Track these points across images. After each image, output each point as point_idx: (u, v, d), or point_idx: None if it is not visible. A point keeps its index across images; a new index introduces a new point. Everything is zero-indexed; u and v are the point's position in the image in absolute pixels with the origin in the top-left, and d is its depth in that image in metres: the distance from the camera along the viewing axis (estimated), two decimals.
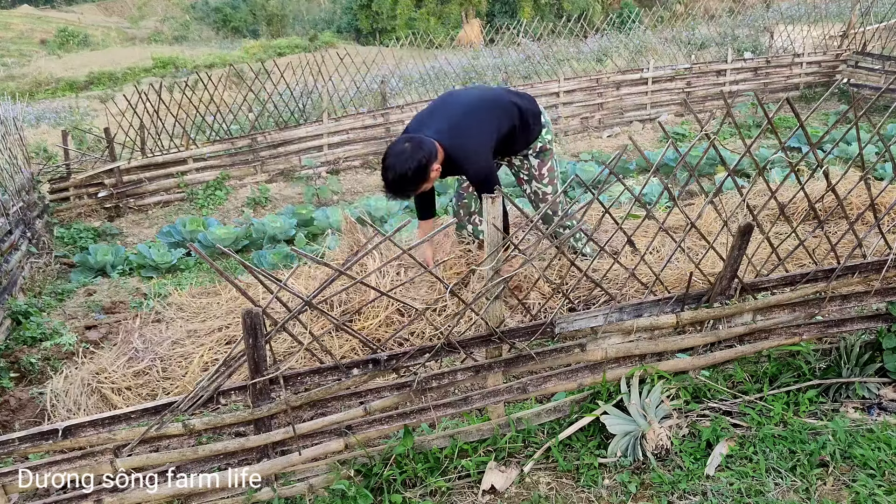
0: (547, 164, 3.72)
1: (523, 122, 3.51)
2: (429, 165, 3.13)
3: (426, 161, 3.11)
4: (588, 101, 8.67)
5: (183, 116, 7.29)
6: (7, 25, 29.27)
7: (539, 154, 3.69)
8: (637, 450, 2.47)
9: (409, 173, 3.10)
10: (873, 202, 2.83)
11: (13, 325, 4.00)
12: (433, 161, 3.15)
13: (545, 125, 3.66)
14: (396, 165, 3.10)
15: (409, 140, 3.17)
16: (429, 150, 3.13)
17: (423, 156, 3.10)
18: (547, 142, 3.68)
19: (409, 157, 3.09)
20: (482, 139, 3.29)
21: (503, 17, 24.46)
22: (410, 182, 3.13)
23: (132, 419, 2.18)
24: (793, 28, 10.47)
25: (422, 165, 3.10)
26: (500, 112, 3.41)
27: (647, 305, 2.69)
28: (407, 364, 2.40)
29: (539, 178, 3.73)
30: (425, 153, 3.11)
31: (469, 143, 3.25)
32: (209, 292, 4.29)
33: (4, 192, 5.07)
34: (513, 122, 3.45)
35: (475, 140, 3.26)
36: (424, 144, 3.14)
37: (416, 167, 3.09)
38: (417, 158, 3.09)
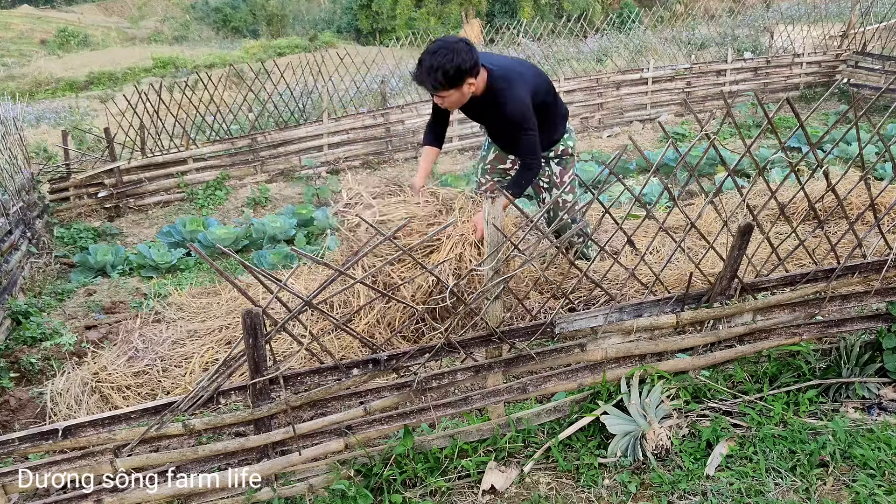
0: (568, 172, 3.71)
1: (555, 108, 3.50)
2: (468, 72, 3.06)
3: (468, 66, 3.04)
4: (588, 101, 8.67)
5: (183, 116, 7.29)
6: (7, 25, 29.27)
7: (561, 159, 3.68)
8: (637, 450, 2.47)
9: (447, 66, 3.01)
10: (873, 202, 2.83)
11: (13, 325, 4.00)
12: (473, 71, 3.08)
13: (570, 130, 3.67)
14: (440, 53, 3.03)
15: (465, 41, 3.09)
16: (475, 61, 3.06)
17: (468, 60, 3.03)
18: (570, 147, 3.67)
19: (456, 53, 3.01)
20: (525, 83, 3.23)
21: (503, 17, 24.46)
22: (443, 76, 3.04)
23: (132, 419, 2.18)
24: (793, 28, 10.47)
25: (462, 68, 3.03)
26: (543, 81, 3.42)
27: (647, 305, 2.69)
28: (407, 364, 2.40)
29: (559, 185, 3.71)
30: (471, 60, 3.04)
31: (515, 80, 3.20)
32: (209, 292, 4.29)
33: (4, 192, 5.07)
34: (548, 99, 3.43)
35: (519, 81, 3.22)
36: (474, 54, 3.07)
37: (456, 65, 3.01)
38: (462, 59, 3.02)
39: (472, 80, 3.11)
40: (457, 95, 3.17)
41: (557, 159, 3.69)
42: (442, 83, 3.07)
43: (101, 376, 3.25)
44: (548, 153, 3.66)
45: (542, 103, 3.40)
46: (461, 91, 3.14)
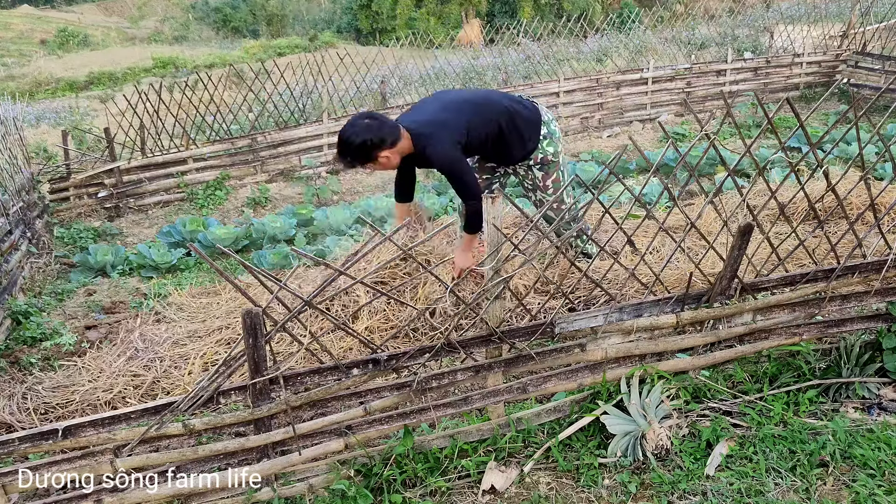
0: (552, 176, 3.66)
1: (514, 128, 3.48)
2: (374, 149, 3.18)
3: (371, 144, 3.16)
4: (588, 101, 8.66)
5: (183, 116, 7.29)
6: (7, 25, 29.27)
7: (542, 166, 3.65)
8: (637, 450, 2.47)
9: (354, 146, 3.17)
10: (873, 202, 2.83)
11: (13, 325, 4.00)
12: (382, 147, 3.19)
13: (548, 136, 3.59)
14: (345, 133, 3.20)
15: (371, 116, 3.25)
16: (381, 136, 3.18)
17: (371, 137, 3.16)
18: (549, 154, 3.61)
19: (359, 131, 3.16)
20: (447, 129, 3.30)
21: (503, 17, 24.46)
22: (351, 153, 3.20)
23: (132, 419, 2.19)
24: (793, 28, 10.47)
25: (366, 145, 3.16)
26: (484, 111, 3.42)
27: (647, 305, 2.69)
28: (407, 364, 2.40)
29: (543, 189, 3.69)
30: (375, 136, 3.17)
31: (433, 131, 3.28)
32: (209, 292, 4.29)
33: (4, 192, 5.07)
34: (498, 126, 3.44)
35: (439, 129, 3.29)
36: (382, 128, 3.20)
37: (360, 143, 3.16)
38: (364, 137, 3.16)
39: (385, 152, 3.22)
40: (377, 167, 3.31)
41: (538, 166, 3.64)
42: (353, 162, 3.25)
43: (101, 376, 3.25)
44: (527, 161, 3.64)
45: (496, 131, 3.44)
46: (378, 163, 3.27)
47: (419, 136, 3.28)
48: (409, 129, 3.28)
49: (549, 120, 3.63)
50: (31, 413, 3.09)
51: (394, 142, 3.22)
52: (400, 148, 3.26)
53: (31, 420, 3.05)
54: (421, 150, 3.29)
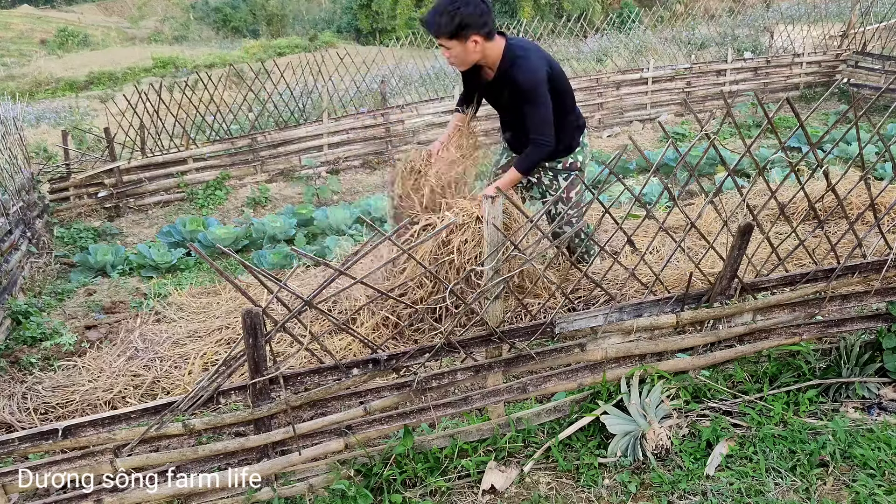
0: (575, 188, 3.61)
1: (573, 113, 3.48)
2: (474, 27, 3.01)
3: (476, 22, 3.00)
4: (588, 100, 8.66)
5: (183, 116, 7.29)
6: (7, 25, 29.28)
7: (569, 175, 3.59)
8: (637, 450, 2.47)
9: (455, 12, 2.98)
10: (873, 202, 2.83)
11: (13, 325, 4.00)
12: (482, 30, 3.04)
13: (583, 146, 3.59)
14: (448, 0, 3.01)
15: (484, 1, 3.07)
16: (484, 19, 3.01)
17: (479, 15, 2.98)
18: (579, 162, 3.58)
19: (463, 4, 2.97)
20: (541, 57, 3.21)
21: (503, 17, 24.46)
22: (448, 20, 3.00)
23: (132, 419, 2.19)
24: (793, 28, 10.47)
25: (468, 20, 2.99)
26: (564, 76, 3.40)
27: (647, 305, 2.69)
28: (407, 364, 2.40)
29: (566, 201, 3.62)
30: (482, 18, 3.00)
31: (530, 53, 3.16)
32: (209, 292, 4.29)
33: (4, 192, 5.07)
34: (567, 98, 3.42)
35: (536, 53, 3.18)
36: (489, 14, 3.04)
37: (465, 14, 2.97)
38: (472, 11, 2.98)
39: (478, 37, 3.05)
40: (458, 50, 3.11)
41: (565, 173, 3.59)
42: (444, 28, 3.03)
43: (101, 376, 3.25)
44: (556, 164, 3.59)
45: (558, 88, 3.34)
46: (464, 46, 3.08)
47: (517, 48, 3.14)
48: (507, 39, 3.15)
49: (586, 132, 3.64)
50: (31, 413, 3.09)
51: (489, 33, 3.07)
52: (489, 46, 3.11)
53: (31, 420, 3.05)
54: (509, 65, 3.14)
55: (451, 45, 3.10)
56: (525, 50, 3.16)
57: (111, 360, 3.41)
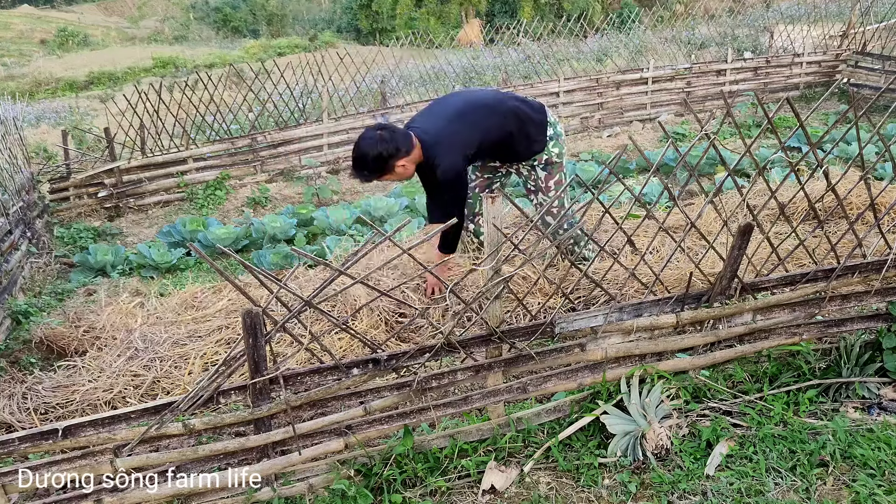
0: (554, 178, 3.67)
1: (522, 130, 3.50)
2: (390, 159, 3.21)
3: (388, 154, 3.19)
4: (588, 100, 8.67)
5: (183, 116, 7.29)
6: (7, 25, 29.27)
7: (546, 167, 3.66)
8: (637, 450, 2.47)
9: (369, 158, 3.20)
10: (873, 202, 2.83)
11: (13, 324, 4.00)
12: (398, 156, 3.22)
13: (553, 138, 3.61)
14: (360, 147, 3.23)
15: (383, 128, 3.27)
16: (396, 146, 3.21)
17: (386, 148, 3.19)
18: (554, 155, 3.63)
19: (374, 143, 3.19)
20: (456, 143, 3.32)
21: (503, 16, 24.46)
22: (368, 167, 3.23)
23: (132, 419, 2.18)
24: (793, 28, 10.47)
25: (382, 157, 3.19)
26: (493, 118, 3.44)
27: (647, 305, 2.69)
28: (407, 364, 2.40)
29: (545, 190, 3.69)
30: (390, 146, 3.19)
31: (443, 144, 3.30)
32: (209, 292, 4.28)
33: (4, 192, 5.07)
34: (509, 129, 3.47)
35: (448, 143, 3.31)
36: (395, 138, 3.22)
37: (376, 155, 3.19)
38: (380, 149, 3.18)
39: (401, 161, 3.25)
40: (394, 177, 3.35)
41: (542, 166, 3.66)
42: (370, 174, 3.28)
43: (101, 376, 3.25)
44: (532, 161, 3.66)
45: (506, 135, 3.47)
46: (395, 173, 3.29)
47: (431, 147, 3.29)
48: (421, 139, 3.30)
49: (555, 122, 3.65)
50: (31, 413, 3.09)
51: (408, 150, 3.25)
52: (414, 157, 3.29)
53: (31, 420, 3.05)
54: (430, 160, 3.31)
55: (388, 178, 3.35)
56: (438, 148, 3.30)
57: (111, 360, 3.41)
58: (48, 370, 3.50)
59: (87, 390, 3.19)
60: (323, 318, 3.45)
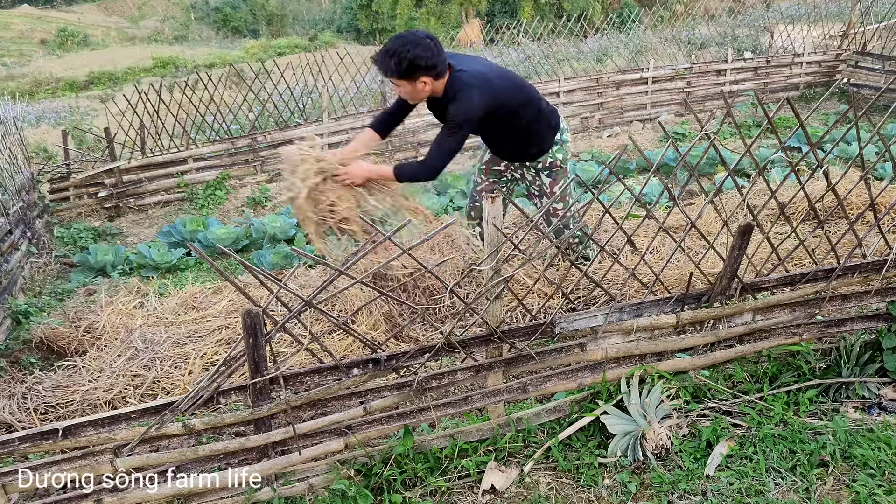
0: (558, 183, 3.64)
1: (538, 122, 3.45)
2: (423, 68, 3.02)
3: (424, 64, 3.00)
4: (588, 100, 8.66)
5: (183, 116, 7.28)
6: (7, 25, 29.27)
7: (551, 172, 3.62)
8: (637, 450, 2.47)
9: (404, 56, 2.98)
10: (873, 202, 2.83)
11: (13, 324, 4.00)
12: (432, 71, 3.05)
13: (559, 143, 3.59)
14: (404, 41, 3.01)
15: (433, 40, 3.07)
16: (434, 61, 3.02)
17: (427, 56, 2.99)
18: (559, 160, 3.60)
19: (416, 46, 2.99)
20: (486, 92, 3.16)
21: (503, 16, 24.46)
22: (396, 64, 3.01)
23: (132, 419, 2.19)
24: (793, 28, 10.47)
25: (416, 61, 2.99)
26: (524, 92, 3.36)
27: (647, 305, 2.69)
28: (407, 364, 2.40)
29: (550, 196, 3.64)
30: (430, 58, 3.00)
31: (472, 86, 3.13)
32: (209, 292, 4.29)
33: (4, 192, 5.07)
34: (528, 113, 3.38)
35: (480, 88, 3.14)
36: (438, 55, 3.04)
37: (412, 56, 2.98)
38: (420, 53, 2.98)
39: (427, 78, 3.07)
40: (408, 88, 3.13)
41: (546, 171, 3.63)
42: (393, 70, 3.04)
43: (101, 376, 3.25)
44: (535, 164, 3.63)
45: (520, 116, 3.37)
46: (413, 86, 3.10)
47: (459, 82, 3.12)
48: (456, 74, 3.14)
49: (564, 128, 3.63)
50: (31, 413, 3.09)
51: (440, 73, 3.08)
52: (439, 84, 3.13)
53: (31, 420, 3.05)
54: (451, 93, 3.14)
55: (401, 84, 3.14)
56: (467, 86, 3.13)
57: (111, 360, 3.41)
58: (48, 370, 3.50)
59: (87, 390, 3.19)
60: (323, 318, 3.44)
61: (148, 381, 3.25)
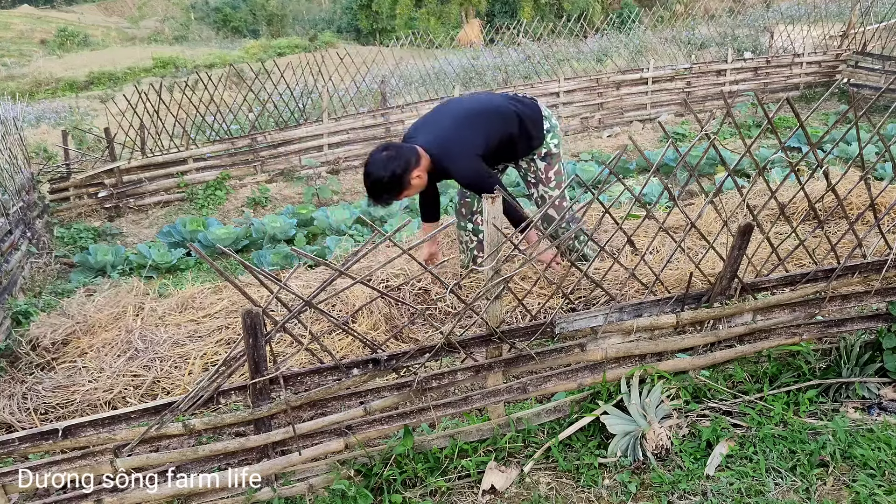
0: (554, 168, 3.72)
1: (523, 129, 3.54)
2: (405, 174, 3.19)
3: (401, 170, 3.18)
4: (588, 101, 8.67)
5: (183, 116, 7.29)
6: (7, 25, 29.27)
7: (545, 157, 3.70)
8: (637, 450, 2.47)
9: (385, 180, 3.17)
10: (873, 202, 2.83)
11: (13, 324, 4.00)
12: (410, 169, 3.21)
13: (551, 130, 3.65)
14: (373, 173, 3.19)
15: (387, 148, 3.24)
16: (406, 160, 3.19)
17: (398, 165, 3.17)
18: (553, 146, 3.68)
19: (384, 165, 3.16)
20: (467, 145, 3.32)
21: (503, 17, 24.46)
22: (386, 189, 3.21)
23: (132, 419, 2.18)
24: (793, 28, 10.47)
25: (396, 175, 3.17)
26: (496, 120, 3.45)
27: (647, 305, 2.69)
28: (407, 364, 2.40)
29: (546, 181, 3.72)
30: (401, 162, 3.18)
31: (453, 149, 3.29)
32: (209, 292, 4.28)
33: (4, 192, 5.07)
34: (510, 130, 3.49)
35: (459, 146, 3.30)
36: (403, 153, 3.21)
37: (390, 175, 3.16)
38: (392, 168, 3.16)
39: (414, 172, 3.23)
40: (412, 189, 3.32)
41: (541, 157, 3.71)
42: (389, 195, 3.24)
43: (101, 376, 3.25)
44: (532, 154, 3.69)
45: (508, 136, 3.48)
46: (412, 185, 3.27)
47: (441, 155, 3.29)
48: (428, 150, 3.29)
49: (549, 115, 3.68)
50: (31, 413, 3.09)
51: (417, 160, 3.24)
52: (424, 166, 3.28)
53: (31, 420, 3.05)
54: (442, 168, 3.31)
55: (407, 194, 3.34)
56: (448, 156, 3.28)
57: (111, 361, 3.41)
58: (48, 370, 3.50)
59: (87, 390, 3.19)
60: (323, 319, 3.45)
61: (148, 382, 3.24)
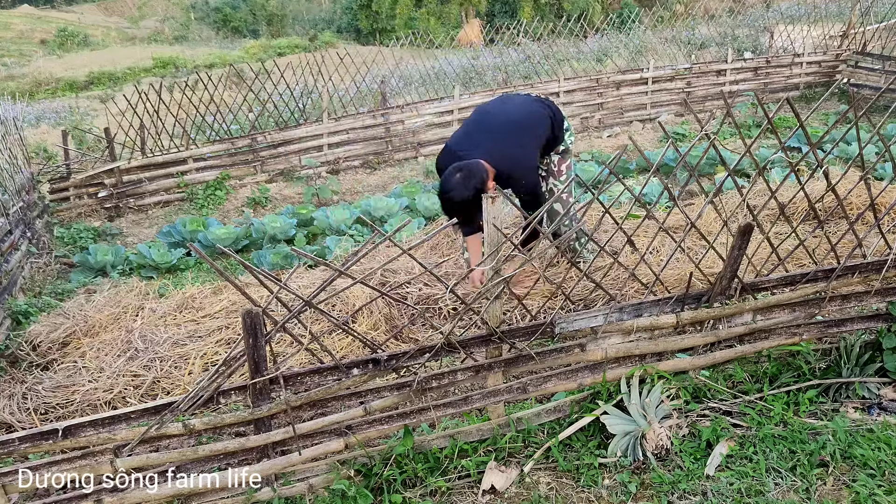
0: (566, 162, 3.86)
1: (553, 132, 3.71)
2: (483, 189, 3.28)
3: (481, 186, 3.28)
4: (588, 101, 8.67)
5: (183, 116, 7.29)
6: (7, 25, 29.26)
7: (560, 152, 3.84)
8: (637, 450, 2.47)
9: (471, 199, 3.25)
10: (873, 202, 2.83)
11: (13, 324, 4.00)
12: (486, 183, 3.32)
13: (568, 129, 3.83)
14: (455, 196, 3.28)
15: (460, 170, 3.32)
16: (480, 177, 3.30)
17: (476, 182, 3.27)
18: (569, 143, 3.86)
19: (464, 185, 3.27)
20: (531, 158, 3.52)
21: (503, 17, 24.45)
22: (474, 206, 3.23)
23: (132, 419, 2.18)
24: (793, 28, 10.47)
25: (478, 191, 3.26)
26: (541, 129, 3.63)
27: (647, 305, 2.69)
28: (407, 364, 2.40)
29: (557, 174, 3.84)
30: (477, 180, 3.28)
31: (523, 163, 3.47)
32: (209, 292, 4.28)
33: (4, 192, 5.07)
34: (548, 135, 3.66)
35: (524, 157, 3.48)
36: (475, 171, 3.31)
37: (474, 194, 3.25)
38: (473, 185, 3.25)
39: (489, 184, 3.36)
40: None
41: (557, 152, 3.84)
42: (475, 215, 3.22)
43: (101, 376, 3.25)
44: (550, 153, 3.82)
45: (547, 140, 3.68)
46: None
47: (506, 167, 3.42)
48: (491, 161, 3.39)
49: (564, 116, 3.84)
50: (31, 413, 3.09)
51: (488, 174, 3.36)
52: (492, 176, 3.40)
53: (31, 420, 3.05)
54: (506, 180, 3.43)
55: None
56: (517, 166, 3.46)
57: (111, 361, 3.41)
58: (48, 370, 3.50)
59: (87, 390, 3.19)
60: (323, 319, 3.45)
61: (148, 382, 3.24)
